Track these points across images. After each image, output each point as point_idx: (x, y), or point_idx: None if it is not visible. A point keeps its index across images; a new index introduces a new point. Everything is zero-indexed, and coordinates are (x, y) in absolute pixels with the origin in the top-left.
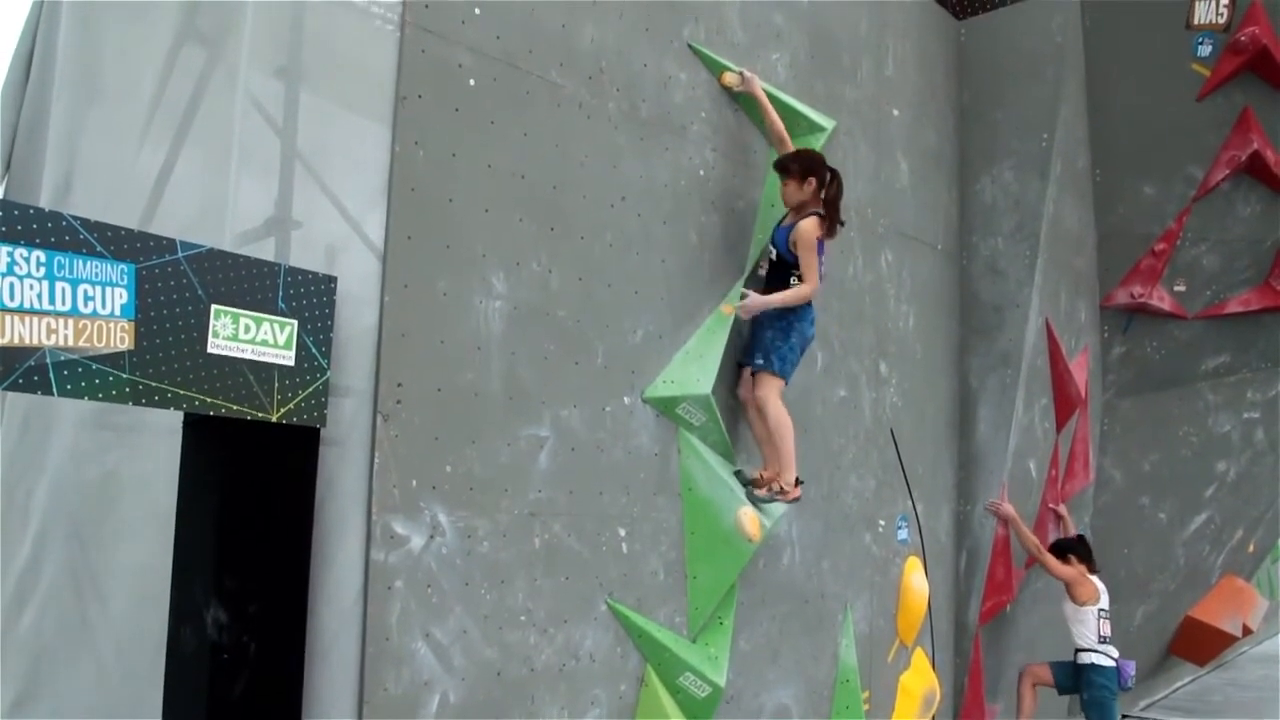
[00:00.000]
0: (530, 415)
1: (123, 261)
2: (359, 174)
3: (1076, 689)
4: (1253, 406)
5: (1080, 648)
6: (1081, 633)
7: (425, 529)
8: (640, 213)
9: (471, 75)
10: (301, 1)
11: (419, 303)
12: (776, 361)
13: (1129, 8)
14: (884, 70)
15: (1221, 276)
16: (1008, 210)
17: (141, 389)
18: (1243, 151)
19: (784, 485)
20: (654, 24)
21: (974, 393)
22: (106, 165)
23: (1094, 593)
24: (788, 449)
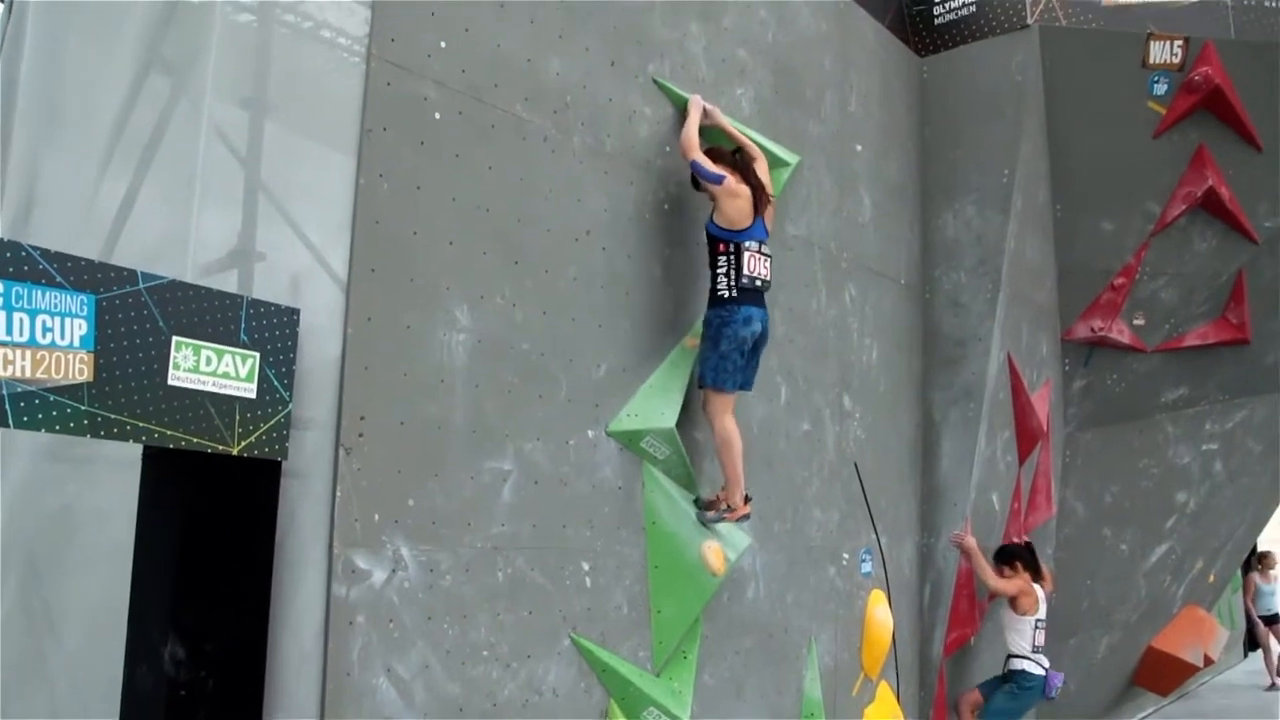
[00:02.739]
0: (494, 448)
1: (82, 292)
2: (323, 206)
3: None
4: (1211, 438)
5: (1012, 653)
6: (1016, 641)
7: (387, 563)
8: (605, 246)
9: (437, 108)
10: (267, 32)
11: (382, 335)
12: (709, 375)
13: (1087, 47)
14: (848, 106)
15: (1179, 310)
16: (970, 245)
17: (100, 421)
18: (1198, 188)
19: (730, 504)
20: (619, 59)
21: (937, 426)
22: (67, 194)
23: (1034, 604)
24: (733, 466)
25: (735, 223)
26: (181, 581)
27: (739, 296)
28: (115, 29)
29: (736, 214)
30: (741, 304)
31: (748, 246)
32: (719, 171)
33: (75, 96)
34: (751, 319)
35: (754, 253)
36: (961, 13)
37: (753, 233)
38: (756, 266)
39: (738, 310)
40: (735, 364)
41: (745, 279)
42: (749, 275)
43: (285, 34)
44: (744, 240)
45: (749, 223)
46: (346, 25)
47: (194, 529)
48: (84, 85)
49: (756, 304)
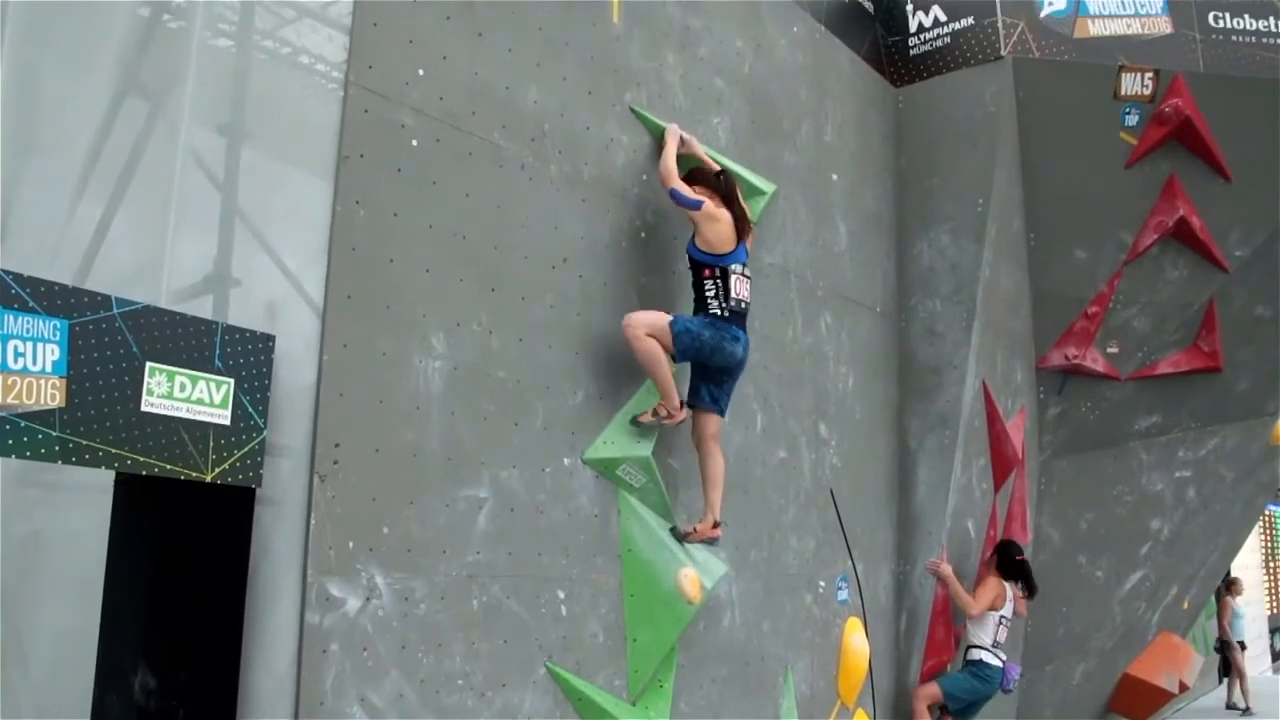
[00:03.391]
0: (469, 476)
1: (55, 317)
2: (300, 232)
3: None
4: (1184, 465)
5: (972, 644)
6: (978, 634)
7: (362, 591)
8: (582, 274)
9: (414, 136)
10: (246, 58)
11: (358, 362)
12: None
13: (1059, 79)
14: (823, 136)
15: (1152, 338)
16: (945, 273)
17: (72, 447)
18: (1170, 218)
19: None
20: (597, 88)
21: (912, 453)
22: (42, 218)
23: (1002, 601)
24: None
25: (717, 247)
26: (153, 609)
27: (728, 318)
28: (92, 52)
29: (717, 238)
30: (731, 324)
31: (733, 269)
32: (697, 197)
33: (51, 120)
34: (738, 338)
35: (739, 275)
36: (936, 44)
37: (737, 256)
38: (741, 289)
39: (729, 329)
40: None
41: (733, 300)
42: (736, 298)
43: (263, 60)
44: (729, 264)
45: (732, 247)
46: (325, 52)
47: (166, 556)
48: (60, 108)
49: (741, 327)
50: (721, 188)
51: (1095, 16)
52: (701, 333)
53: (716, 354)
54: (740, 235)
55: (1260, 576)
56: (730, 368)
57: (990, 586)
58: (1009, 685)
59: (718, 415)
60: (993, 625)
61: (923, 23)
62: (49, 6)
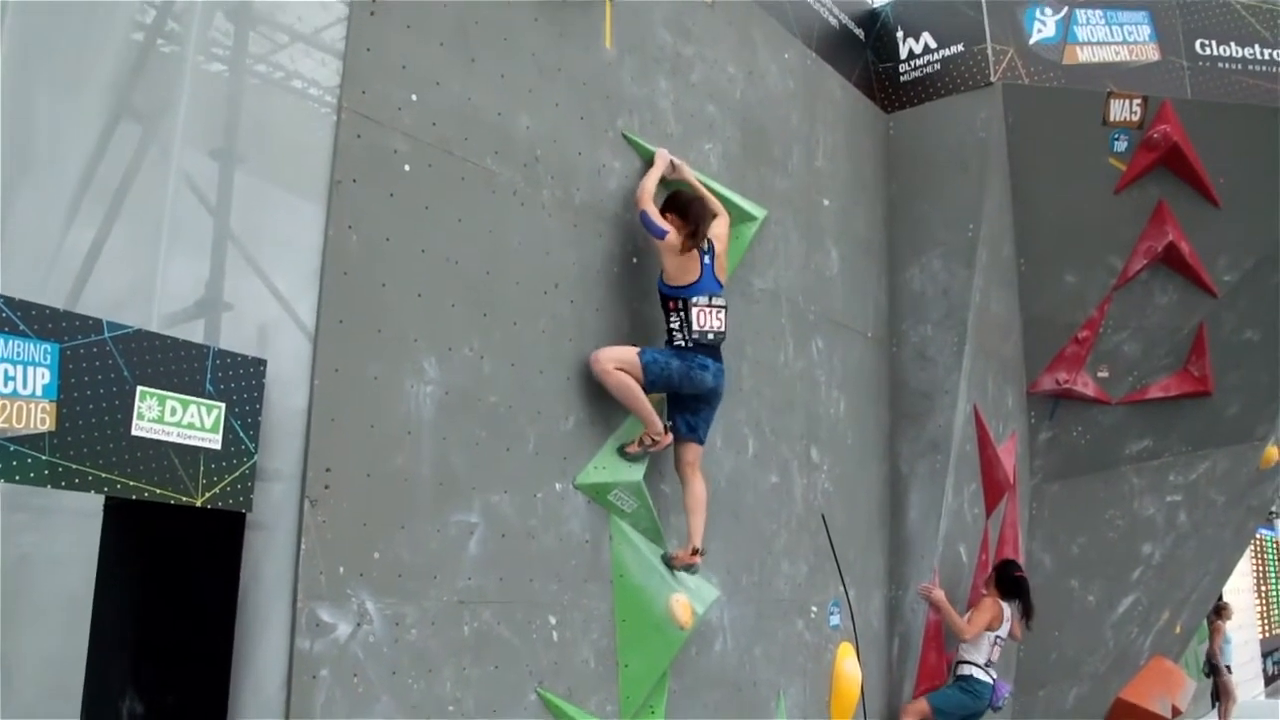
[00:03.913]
0: (460, 501)
1: (46, 341)
2: (292, 256)
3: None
4: (1175, 489)
5: (963, 660)
6: (971, 652)
7: (352, 616)
8: (573, 299)
9: (407, 161)
10: (239, 82)
11: (350, 387)
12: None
13: (1049, 105)
14: (814, 161)
15: (1142, 363)
16: (936, 298)
17: (61, 471)
18: (1159, 243)
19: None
20: (589, 113)
21: (904, 478)
22: (34, 241)
23: (998, 621)
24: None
25: (677, 279)
26: (141, 634)
27: (693, 348)
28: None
29: (677, 270)
30: (698, 354)
31: (695, 301)
32: (664, 227)
33: (44, 143)
34: (706, 366)
35: (703, 307)
36: (926, 70)
37: (701, 287)
38: (708, 320)
39: (695, 358)
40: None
41: (696, 333)
42: (699, 329)
43: (256, 84)
44: (690, 295)
45: (693, 278)
46: (318, 76)
47: (155, 581)
48: (53, 132)
49: (711, 356)
50: (692, 212)
51: (1084, 44)
52: (669, 362)
53: (686, 382)
54: (715, 271)
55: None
56: (703, 395)
57: (987, 608)
58: (998, 703)
59: (695, 443)
60: (987, 645)
61: (913, 49)
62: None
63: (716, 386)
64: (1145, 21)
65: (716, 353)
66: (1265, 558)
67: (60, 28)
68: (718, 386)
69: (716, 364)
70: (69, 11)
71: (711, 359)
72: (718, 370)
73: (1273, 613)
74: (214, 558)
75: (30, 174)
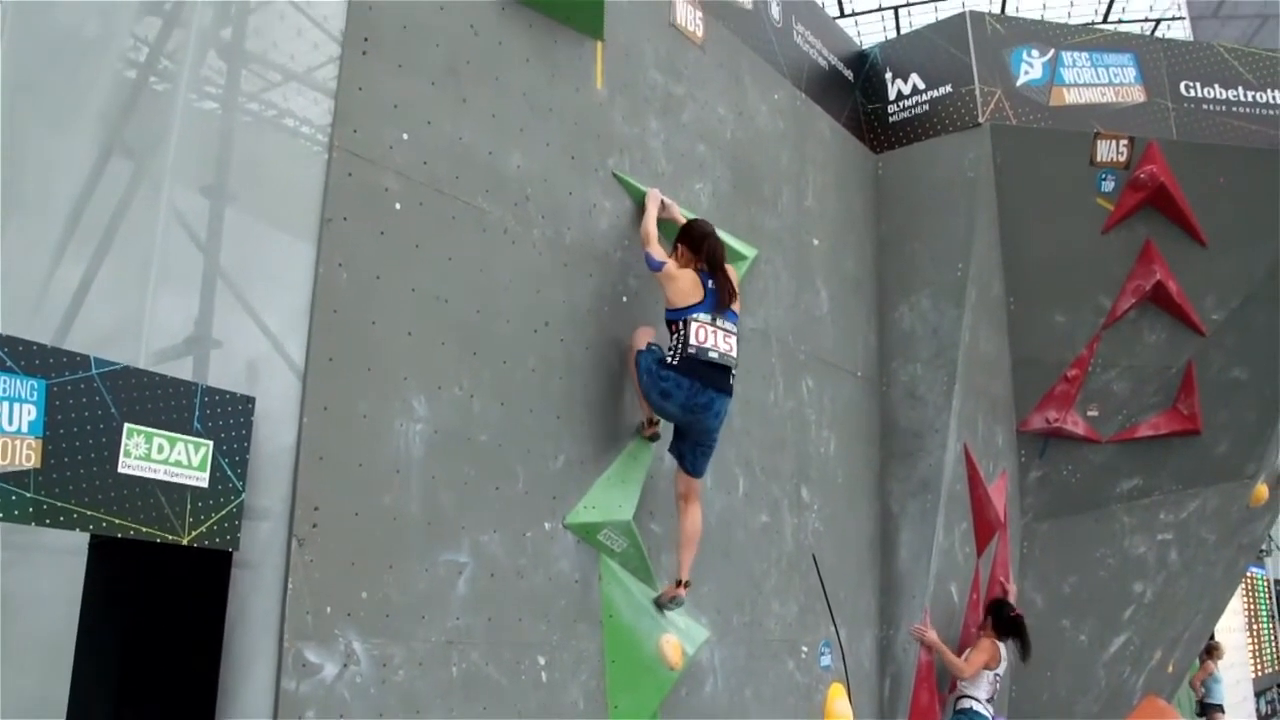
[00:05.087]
0: (449, 540)
1: (33, 377)
2: (282, 293)
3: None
4: (1166, 528)
5: (964, 695)
6: (972, 689)
7: (339, 657)
8: (563, 338)
9: (398, 199)
10: (230, 119)
11: (338, 425)
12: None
13: (1036, 145)
14: (804, 201)
15: (1132, 401)
16: (926, 337)
17: (46, 509)
18: (1147, 282)
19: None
20: (580, 153)
21: (895, 517)
22: (23, 276)
23: (997, 660)
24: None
25: (676, 302)
26: (125, 674)
27: (679, 365)
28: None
29: (676, 294)
30: (683, 374)
31: (695, 318)
32: (661, 259)
33: (34, 178)
34: (681, 387)
35: (703, 324)
36: (915, 111)
37: (703, 306)
38: (708, 337)
39: (666, 375)
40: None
41: (693, 348)
42: (696, 344)
43: (248, 121)
44: (690, 313)
45: (694, 300)
46: (310, 115)
47: (139, 620)
48: (44, 167)
49: (697, 377)
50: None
51: (1070, 85)
52: (651, 368)
53: (650, 395)
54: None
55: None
56: (678, 424)
57: (984, 648)
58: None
59: (686, 474)
60: (987, 683)
61: (901, 90)
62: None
63: (687, 414)
64: (1131, 64)
65: (722, 381)
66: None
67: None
68: (690, 414)
69: (721, 397)
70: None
71: (716, 390)
72: (693, 393)
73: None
74: (200, 596)
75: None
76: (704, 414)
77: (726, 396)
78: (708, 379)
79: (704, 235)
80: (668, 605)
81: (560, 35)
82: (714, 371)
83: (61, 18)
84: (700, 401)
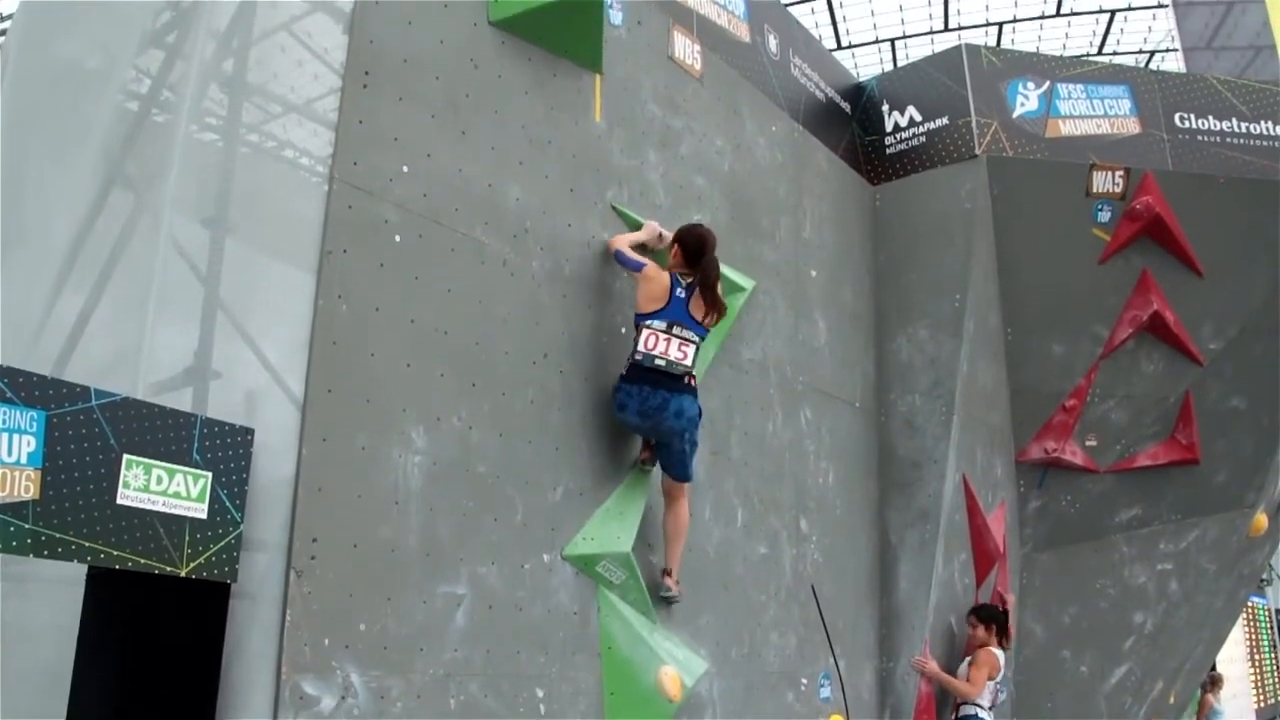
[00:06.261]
0: (448, 572)
1: (32, 408)
2: (281, 325)
3: None
4: (1166, 558)
5: (965, 701)
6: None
7: (337, 689)
8: (563, 369)
9: (397, 231)
10: (231, 151)
11: (337, 456)
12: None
13: (1033, 176)
14: (802, 232)
15: (1130, 431)
16: (923, 368)
17: (45, 540)
18: (1144, 312)
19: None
20: (579, 185)
21: (894, 548)
22: (23, 307)
23: (998, 671)
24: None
25: (642, 306)
26: (121, 706)
27: (628, 374)
28: (79, 144)
29: (644, 297)
30: (634, 381)
31: (649, 325)
32: (639, 260)
33: (36, 209)
34: (631, 395)
35: (655, 331)
36: (912, 143)
37: (663, 314)
38: (657, 344)
39: (623, 386)
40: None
41: (639, 354)
42: (643, 352)
43: (248, 153)
44: (647, 320)
45: (656, 306)
46: (310, 146)
47: (136, 651)
48: (46, 198)
49: (648, 382)
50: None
51: (1066, 117)
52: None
53: (615, 413)
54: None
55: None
56: (644, 433)
57: (984, 660)
58: None
59: (668, 477)
60: (990, 693)
61: (898, 122)
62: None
63: (631, 418)
64: (1126, 95)
65: (676, 383)
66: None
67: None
68: (634, 419)
69: (676, 396)
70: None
71: (668, 391)
72: (642, 400)
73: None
74: (197, 628)
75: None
76: (661, 415)
77: (682, 395)
78: (657, 382)
79: (701, 250)
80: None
81: (559, 69)
82: (663, 377)
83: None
84: (653, 404)
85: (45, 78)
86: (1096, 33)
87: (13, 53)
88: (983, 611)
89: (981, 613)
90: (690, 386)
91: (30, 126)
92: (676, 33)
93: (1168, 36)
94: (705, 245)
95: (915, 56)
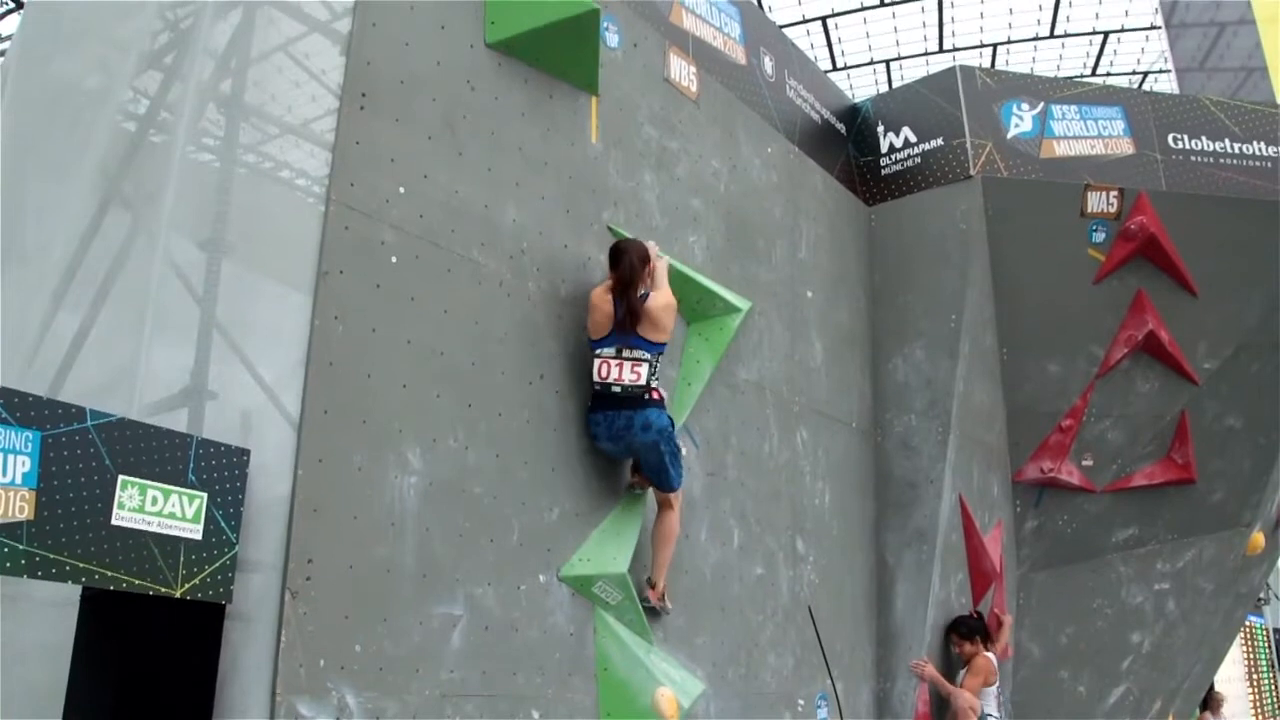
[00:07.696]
0: (444, 593)
1: (28, 428)
2: (278, 346)
3: None
4: (1163, 578)
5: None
6: (984, 706)
7: (332, 710)
8: (559, 390)
9: (394, 252)
10: (228, 172)
11: (333, 477)
12: None
13: (1028, 197)
14: (798, 253)
15: (1126, 451)
16: (920, 388)
17: (39, 561)
18: (1139, 331)
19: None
20: (575, 207)
21: (890, 569)
22: (19, 327)
23: (994, 675)
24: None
25: (591, 334)
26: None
27: (592, 403)
28: (77, 163)
29: (591, 326)
30: (594, 410)
31: (598, 354)
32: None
33: (34, 228)
34: (598, 423)
35: (604, 359)
36: (907, 164)
37: (610, 340)
38: (608, 372)
39: (589, 418)
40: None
41: (597, 384)
42: (599, 381)
43: (245, 174)
44: (597, 349)
45: (601, 334)
46: (307, 167)
47: (131, 672)
48: (43, 218)
49: (610, 407)
50: (612, 264)
51: (1060, 138)
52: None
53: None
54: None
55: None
56: (620, 456)
57: (978, 669)
58: None
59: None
60: (994, 699)
61: (894, 143)
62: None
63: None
64: (1119, 116)
65: (635, 402)
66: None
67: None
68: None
69: (639, 413)
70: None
71: (630, 409)
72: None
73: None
74: (192, 649)
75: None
76: (629, 434)
77: (646, 410)
78: (618, 405)
79: (619, 253)
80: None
81: (556, 90)
82: (622, 400)
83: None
84: (619, 425)
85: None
86: (1090, 54)
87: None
88: (961, 628)
89: (960, 629)
90: (653, 400)
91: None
92: (672, 55)
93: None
94: (618, 253)
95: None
